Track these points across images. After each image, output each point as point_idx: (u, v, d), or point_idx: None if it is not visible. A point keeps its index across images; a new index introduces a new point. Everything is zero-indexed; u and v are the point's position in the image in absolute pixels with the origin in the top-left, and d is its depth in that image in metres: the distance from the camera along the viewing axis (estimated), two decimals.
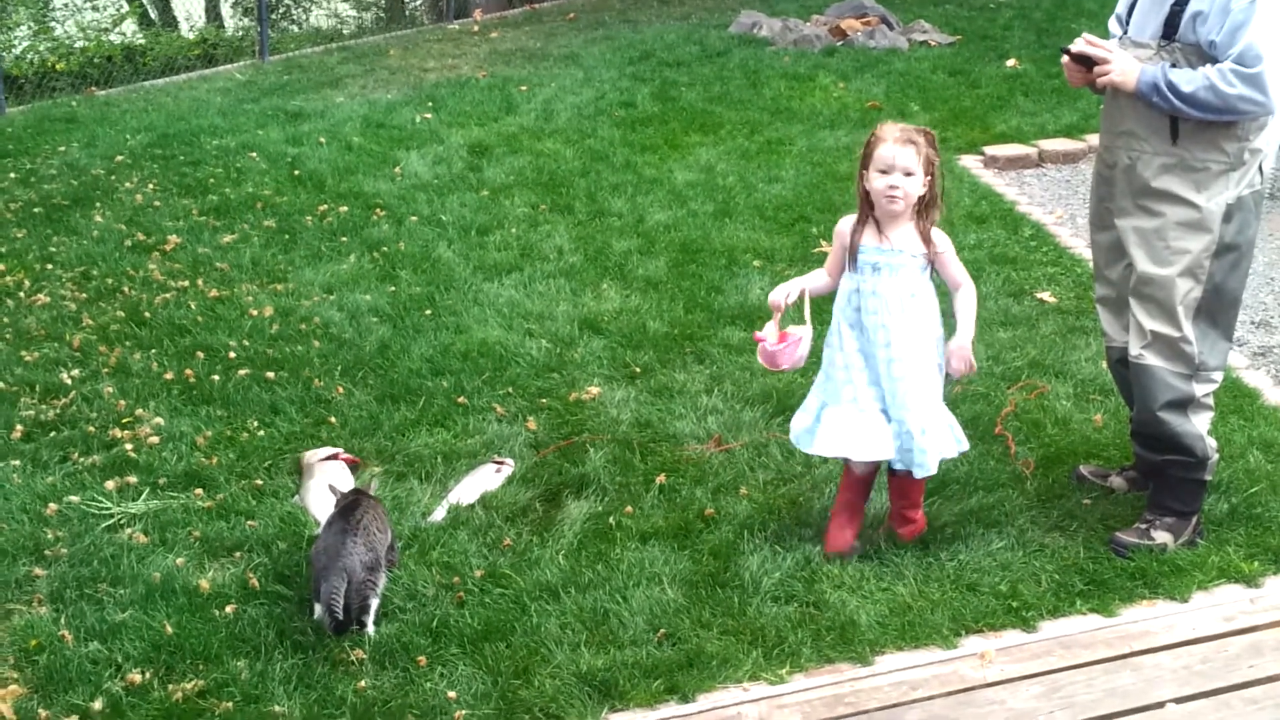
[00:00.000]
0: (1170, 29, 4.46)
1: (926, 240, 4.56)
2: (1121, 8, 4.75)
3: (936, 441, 4.65)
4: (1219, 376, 4.74)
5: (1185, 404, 4.64)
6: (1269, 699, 4.00)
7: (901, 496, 4.83)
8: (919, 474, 4.66)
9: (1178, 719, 3.95)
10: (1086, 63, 4.55)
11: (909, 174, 4.47)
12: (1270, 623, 4.36)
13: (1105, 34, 4.80)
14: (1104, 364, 5.50)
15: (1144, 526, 4.80)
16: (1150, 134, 4.53)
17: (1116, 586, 4.58)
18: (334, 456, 5.26)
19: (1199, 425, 4.69)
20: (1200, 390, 4.66)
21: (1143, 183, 4.56)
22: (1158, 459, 4.77)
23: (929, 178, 4.50)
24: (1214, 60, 4.36)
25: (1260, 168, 4.57)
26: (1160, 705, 3.98)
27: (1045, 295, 6.97)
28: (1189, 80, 4.35)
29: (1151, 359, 4.61)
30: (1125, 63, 4.47)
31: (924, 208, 4.55)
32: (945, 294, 4.71)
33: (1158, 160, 4.53)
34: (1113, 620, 4.42)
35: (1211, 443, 4.77)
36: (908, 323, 4.58)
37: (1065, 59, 4.63)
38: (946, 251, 4.59)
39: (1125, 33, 4.66)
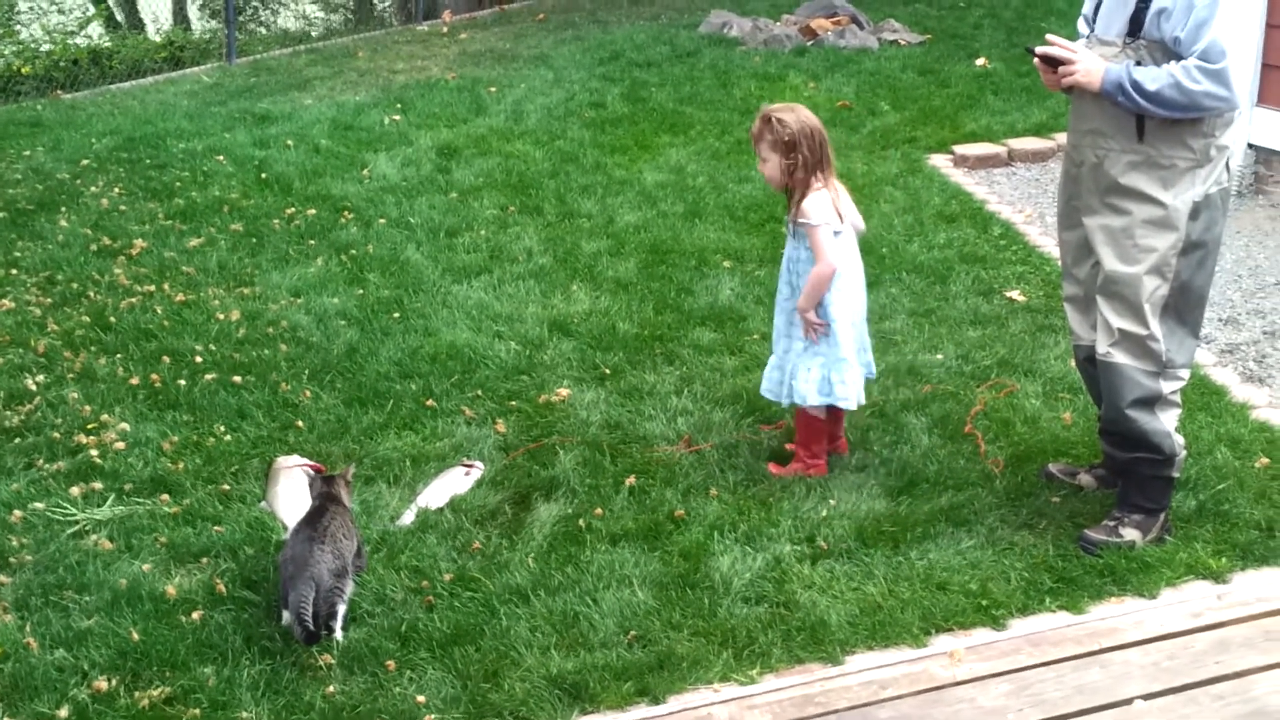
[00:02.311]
0: (1135, 26, 4.47)
1: (795, 209, 5.10)
2: (1088, 7, 4.76)
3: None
4: (1186, 374, 4.76)
5: (1153, 401, 4.65)
6: (1236, 695, 4.01)
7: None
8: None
9: (1146, 715, 3.95)
10: (1052, 63, 4.56)
11: (763, 160, 5.12)
12: (1237, 619, 4.37)
13: (1074, 34, 4.81)
14: (1072, 362, 5.51)
15: (1112, 524, 4.81)
16: (1116, 132, 4.53)
17: (1085, 584, 4.59)
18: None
19: (1166, 423, 4.70)
20: (1168, 388, 4.67)
21: (1110, 181, 4.57)
22: (1126, 456, 4.78)
23: (791, 156, 5.02)
24: (1178, 57, 4.37)
25: (1227, 165, 4.59)
26: (1128, 702, 3.99)
27: (1014, 294, 6.99)
28: (1154, 78, 4.36)
29: (1119, 357, 4.62)
30: (1090, 62, 4.48)
31: (796, 181, 5.08)
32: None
33: (1125, 158, 4.53)
34: (1082, 618, 4.43)
35: (1179, 440, 4.79)
36: (796, 281, 5.17)
37: (1037, 60, 4.64)
38: (819, 226, 5.03)
39: (1092, 31, 4.68)
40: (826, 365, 5.15)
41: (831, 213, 5.07)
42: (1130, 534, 4.76)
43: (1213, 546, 4.78)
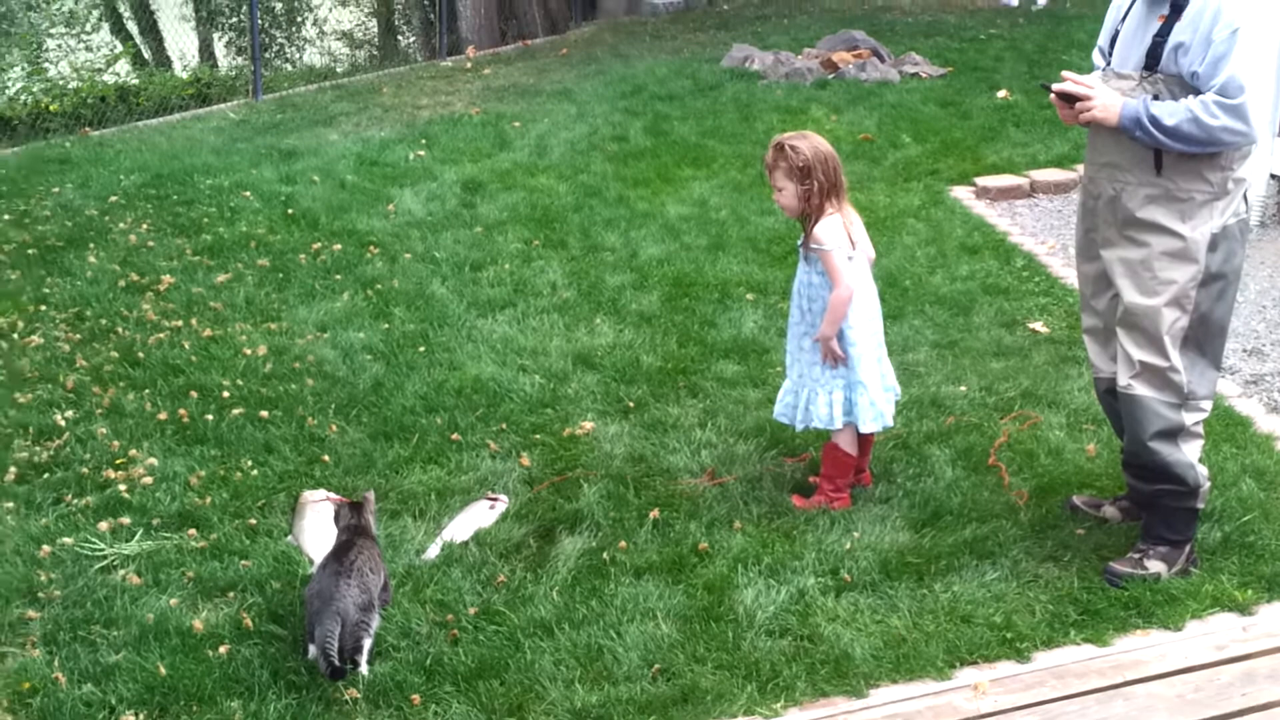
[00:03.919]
0: (1152, 60, 4.49)
1: (808, 234, 5.15)
2: (1104, 39, 4.78)
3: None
4: (1208, 405, 4.75)
5: (1175, 433, 4.64)
6: None
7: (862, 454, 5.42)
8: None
9: None
10: (1069, 99, 4.57)
11: (779, 189, 5.17)
12: (1263, 650, 4.36)
13: (1092, 66, 4.83)
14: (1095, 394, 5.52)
15: (1137, 556, 4.80)
16: (1134, 165, 4.55)
17: (1110, 616, 4.58)
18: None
19: (1189, 454, 4.70)
20: (1190, 419, 4.66)
21: (1128, 213, 4.58)
22: (1150, 488, 4.77)
23: (807, 183, 5.08)
24: (1196, 91, 4.38)
25: (1245, 196, 4.59)
26: None
27: (1037, 325, 6.99)
28: (1171, 113, 4.37)
29: (1140, 389, 4.62)
30: (1107, 97, 4.49)
31: (813, 207, 5.13)
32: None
33: (1142, 191, 4.54)
34: (1106, 650, 4.42)
35: (1203, 471, 4.78)
36: (806, 305, 5.25)
37: (1053, 96, 4.65)
38: (833, 250, 5.09)
39: (1108, 64, 4.69)
40: (848, 387, 5.21)
41: (844, 238, 5.14)
42: (1155, 566, 4.75)
43: (1238, 578, 4.76)
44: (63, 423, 5.97)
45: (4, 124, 11.47)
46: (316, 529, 4.98)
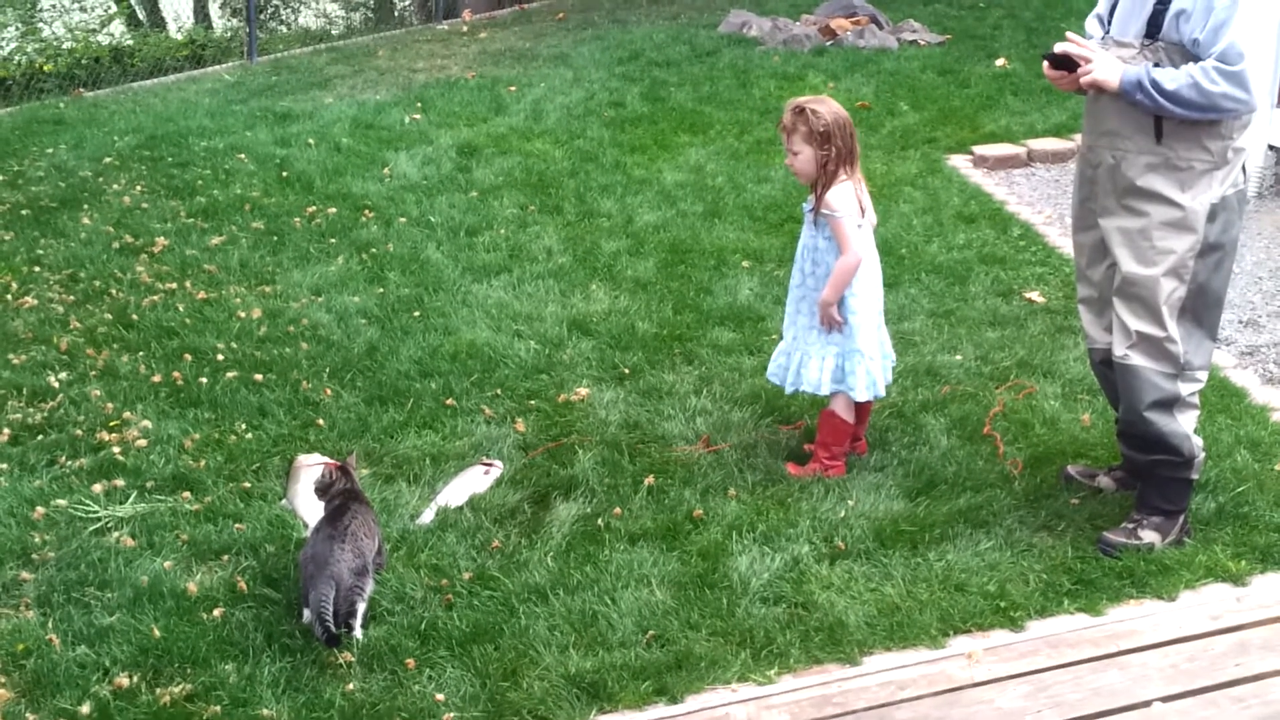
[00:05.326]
0: (1154, 28, 4.47)
1: (819, 200, 5.10)
2: (1102, 7, 4.75)
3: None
4: (1204, 376, 4.75)
5: (1171, 403, 4.64)
6: (1255, 697, 4.01)
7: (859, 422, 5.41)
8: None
9: (1164, 718, 3.95)
10: (1069, 64, 4.55)
11: (795, 153, 5.10)
12: (1256, 621, 4.37)
13: (1083, 34, 4.80)
14: None
15: (1131, 526, 4.80)
16: (1134, 133, 4.53)
17: (1104, 586, 4.58)
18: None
19: (1185, 424, 4.70)
20: (1186, 389, 4.66)
21: (1127, 182, 4.57)
22: (1145, 459, 4.78)
23: (826, 148, 5.03)
24: (1197, 59, 4.37)
25: (1243, 167, 4.58)
26: (1147, 704, 3.98)
27: (1034, 295, 6.98)
28: (1172, 79, 4.35)
29: (1137, 359, 4.61)
30: (1107, 62, 4.47)
31: (828, 173, 5.10)
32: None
33: (1142, 159, 4.53)
34: (1100, 619, 4.43)
35: (1198, 441, 4.78)
36: (810, 268, 5.21)
37: (1046, 67, 4.63)
38: (844, 217, 5.06)
39: (1107, 32, 4.67)
40: (841, 355, 5.19)
41: (854, 205, 5.11)
42: (1149, 536, 4.76)
43: (1232, 549, 4.77)
44: (56, 384, 5.96)
45: None
46: (311, 493, 4.98)
